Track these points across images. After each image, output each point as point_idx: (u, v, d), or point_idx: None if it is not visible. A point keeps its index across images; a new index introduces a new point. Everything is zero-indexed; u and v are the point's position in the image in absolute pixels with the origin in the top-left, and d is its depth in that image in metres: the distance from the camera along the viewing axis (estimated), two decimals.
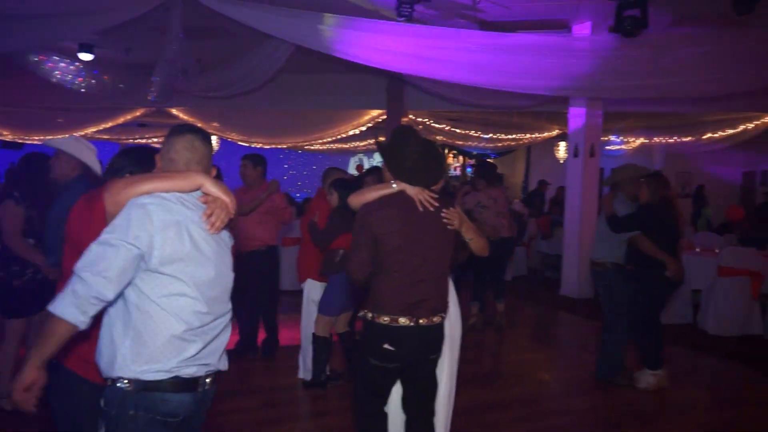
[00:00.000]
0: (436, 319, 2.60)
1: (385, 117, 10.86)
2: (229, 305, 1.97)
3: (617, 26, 5.09)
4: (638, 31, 5.04)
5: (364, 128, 12.01)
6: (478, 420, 4.01)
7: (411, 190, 2.59)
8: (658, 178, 4.70)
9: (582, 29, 7.23)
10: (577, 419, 4.19)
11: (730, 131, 11.32)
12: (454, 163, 18.42)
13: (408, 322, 2.51)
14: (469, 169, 17.65)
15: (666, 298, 4.79)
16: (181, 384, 1.79)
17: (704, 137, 11.89)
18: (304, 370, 4.51)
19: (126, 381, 1.73)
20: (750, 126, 10.95)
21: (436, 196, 2.65)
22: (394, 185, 2.60)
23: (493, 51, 5.99)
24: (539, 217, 10.53)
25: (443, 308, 2.67)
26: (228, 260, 1.97)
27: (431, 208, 2.58)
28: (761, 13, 6.02)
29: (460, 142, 14.49)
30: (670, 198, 4.62)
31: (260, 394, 4.37)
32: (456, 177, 18.03)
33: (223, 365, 1.95)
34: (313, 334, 4.28)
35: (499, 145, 14.57)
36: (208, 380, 1.87)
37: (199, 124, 12.29)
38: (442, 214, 2.61)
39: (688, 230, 10.04)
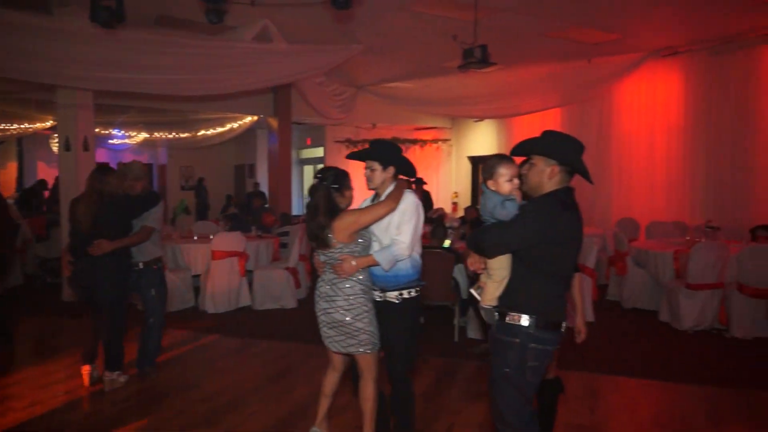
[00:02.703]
0: None
1: None
2: None
3: (94, 16, 4.94)
4: (116, 24, 5.02)
5: None
6: None
7: None
8: (95, 173, 4.61)
9: (69, 12, 6.65)
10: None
11: (220, 129, 12.65)
12: None
13: None
14: None
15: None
16: None
17: (199, 134, 12.92)
18: None
19: None
20: (235, 125, 12.48)
21: None
22: None
23: None
24: (34, 217, 9.43)
25: None
26: None
27: None
28: (233, 24, 6.89)
29: None
30: (104, 192, 4.50)
31: None
32: None
33: None
34: None
35: None
36: None
37: None
38: None
39: (189, 220, 10.76)
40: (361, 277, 3.19)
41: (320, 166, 15.32)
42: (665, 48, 8.88)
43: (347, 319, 3.16)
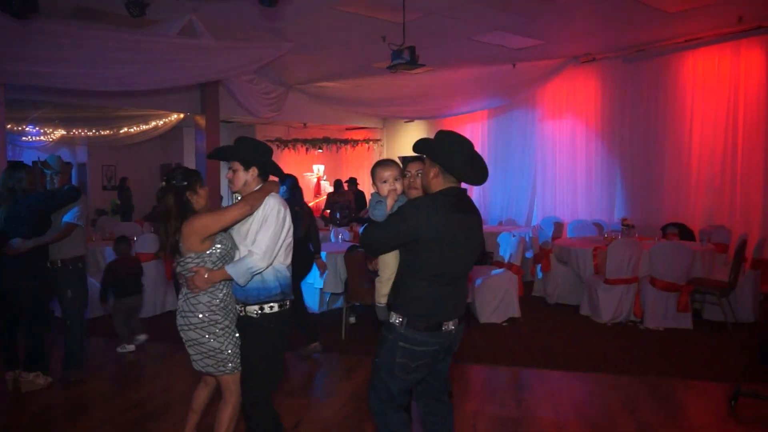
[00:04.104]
0: None
1: None
2: None
3: (4, 5, 4.65)
4: (29, 14, 4.75)
5: None
6: None
7: None
8: (6, 170, 4.45)
9: None
10: None
11: (144, 127, 12.16)
12: None
13: None
14: None
15: None
16: None
17: (122, 131, 12.38)
18: None
19: None
20: (160, 123, 12.04)
21: None
22: None
23: None
24: None
25: None
26: None
27: None
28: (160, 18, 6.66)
29: None
30: (17, 189, 4.32)
31: None
32: None
33: None
34: None
35: None
36: None
37: None
38: None
39: (111, 221, 10.29)
40: (218, 291, 2.87)
41: None
42: (584, 55, 9.32)
43: (202, 338, 2.84)
